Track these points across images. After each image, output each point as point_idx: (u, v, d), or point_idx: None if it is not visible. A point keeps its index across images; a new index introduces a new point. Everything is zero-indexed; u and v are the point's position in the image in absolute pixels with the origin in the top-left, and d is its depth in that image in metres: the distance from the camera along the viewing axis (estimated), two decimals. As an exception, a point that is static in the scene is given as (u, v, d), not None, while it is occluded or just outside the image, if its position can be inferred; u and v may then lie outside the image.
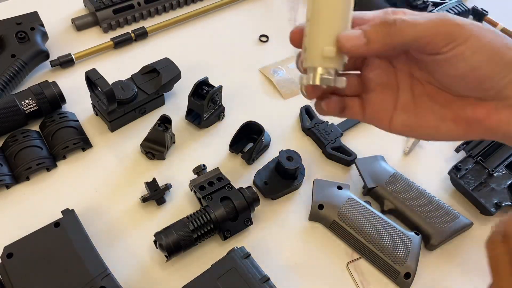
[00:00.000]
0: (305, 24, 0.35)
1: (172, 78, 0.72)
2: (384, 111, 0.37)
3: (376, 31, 0.32)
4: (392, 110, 0.37)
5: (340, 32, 0.32)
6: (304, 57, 0.34)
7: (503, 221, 0.29)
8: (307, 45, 0.34)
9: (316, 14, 0.34)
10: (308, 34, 0.34)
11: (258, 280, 0.51)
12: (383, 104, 0.37)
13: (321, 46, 0.33)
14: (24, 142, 0.64)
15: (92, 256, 0.52)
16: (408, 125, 0.36)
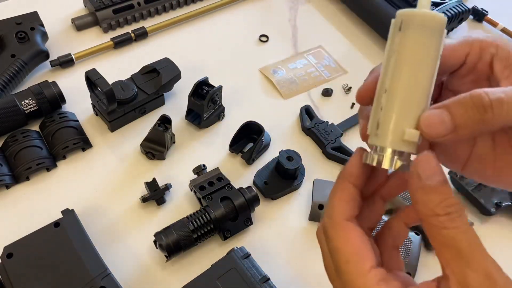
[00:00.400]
0: (378, 90, 0.30)
1: (172, 78, 0.72)
2: (456, 158, 0.32)
3: (467, 116, 0.26)
4: (466, 158, 0.32)
5: (423, 110, 0.28)
6: (374, 132, 0.29)
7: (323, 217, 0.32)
8: (382, 121, 0.29)
9: (400, 86, 0.28)
10: (385, 108, 0.28)
11: (258, 280, 0.51)
12: (455, 151, 0.32)
13: (402, 127, 0.28)
14: (24, 142, 0.63)
15: (92, 256, 0.52)
16: (484, 177, 0.32)
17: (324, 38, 0.89)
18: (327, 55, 0.86)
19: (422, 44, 0.27)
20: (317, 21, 0.92)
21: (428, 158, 0.27)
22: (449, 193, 0.26)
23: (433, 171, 0.27)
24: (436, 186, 0.26)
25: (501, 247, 0.64)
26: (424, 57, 0.28)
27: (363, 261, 0.29)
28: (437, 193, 0.26)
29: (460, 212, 0.26)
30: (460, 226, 0.26)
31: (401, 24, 0.28)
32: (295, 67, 0.83)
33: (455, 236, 0.26)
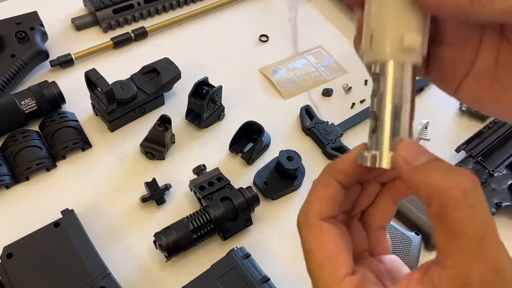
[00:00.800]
0: (367, 3, 0.27)
1: (172, 78, 0.72)
2: (453, 73, 0.28)
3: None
4: (464, 74, 0.28)
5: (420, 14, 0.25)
6: (368, 47, 0.27)
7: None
8: (377, 31, 0.26)
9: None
10: (377, 16, 0.26)
11: (258, 280, 0.51)
12: (454, 64, 0.28)
13: (400, 32, 0.25)
14: (23, 142, 0.63)
15: (92, 256, 0.52)
16: (478, 100, 0.28)
17: (324, 38, 0.89)
18: (327, 55, 0.86)
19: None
20: (317, 21, 0.92)
21: (408, 143, 0.25)
22: (452, 168, 0.23)
23: (418, 151, 0.25)
24: (429, 163, 0.24)
25: (501, 247, 0.64)
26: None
27: (337, 267, 0.26)
28: (436, 169, 0.23)
29: (474, 187, 0.22)
30: (475, 205, 0.22)
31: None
32: (295, 67, 0.83)
33: (467, 220, 0.22)
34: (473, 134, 0.71)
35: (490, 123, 0.72)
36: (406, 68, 0.26)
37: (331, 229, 0.28)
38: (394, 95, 0.26)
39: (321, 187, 0.29)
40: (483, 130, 0.71)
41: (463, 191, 0.22)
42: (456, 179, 0.22)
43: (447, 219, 0.22)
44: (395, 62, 0.26)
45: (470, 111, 0.78)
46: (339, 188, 0.28)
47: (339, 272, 0.26)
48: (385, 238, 0.31)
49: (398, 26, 0.25)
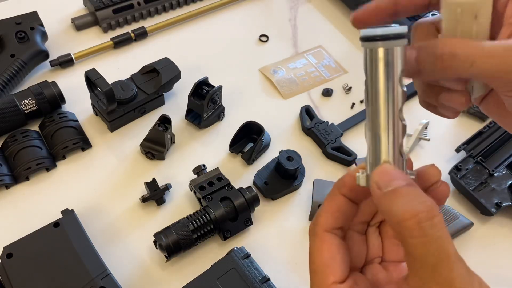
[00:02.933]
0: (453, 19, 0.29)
1: (172, 78, 0.72)
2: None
3: (425, 61, 0.28)
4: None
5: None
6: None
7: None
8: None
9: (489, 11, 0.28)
10: (479, 33, 0.29)
11: (258, 281, 0.51)
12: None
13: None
14: (23, 142, 0.63)
15: (91, 256, 0.52)
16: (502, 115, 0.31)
17: (324, 38, 0.89)
18: (327, 55, 0.86)
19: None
20: (317, 21, 0.92)
21: (384, 168, 0.27)
22: (415, 197, 0.26)
23: (391, 178, 0.26)
24: (396, 190, 0.26)
25: (502, 248, 0.64)
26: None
27: (327, 274, 0.29)
28: (399, 198, 0.26)
29: (429, 217, 0.25)
30: (428, 234, 0.24)
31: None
32: (295, 67, 0.83)
33: (421, 247, 0.25)
34: (473, 134, 0.71)
35: (490, 123, 0.72)
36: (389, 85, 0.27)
37: (332, 239, 0.30)
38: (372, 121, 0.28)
39: (328, 201, 0.31)
40: (483, 130, 0.71)
41: (418, 221, 0.24)
42: (413, 209, 0.25)
43: (405, 244, 0.25)
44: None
45: (470, 111, 0.78)
46: (345, 202, 0.31)
47: (329, 279, 0.29)
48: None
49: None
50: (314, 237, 0.31)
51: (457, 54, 0.26)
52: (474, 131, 0.72)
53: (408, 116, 0.80)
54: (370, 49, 0.27)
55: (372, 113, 0.28)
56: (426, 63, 0.27)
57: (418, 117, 0.75)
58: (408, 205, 0.25)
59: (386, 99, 0.27)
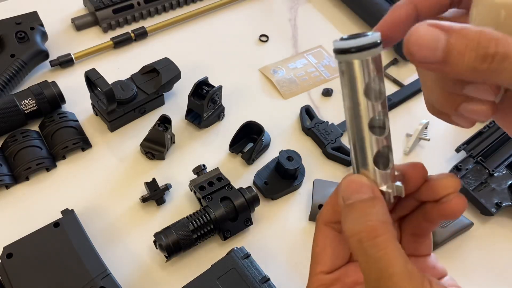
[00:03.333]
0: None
1: (172, 78, 0.72)
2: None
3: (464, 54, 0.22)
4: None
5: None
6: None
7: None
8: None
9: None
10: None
11: (258, 281, 0.51)
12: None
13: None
14: (23, 142, 0.63)
15: (91, 256, 0.52)
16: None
17: (324, 38, 0.89)
18: (327, 55, 0.86)
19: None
20: (317, 21, 0.92)
21: (349, 179, 0.27)
22: (364, 214, 0.26)
23: (353, 191, 0.27)
24: (352, 204, 0.26)
25: (502, 248, 0.64)
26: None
27: (316, 263, 0.31)
28: (352, 213, 0.26)
29: (372, 237, 0.25)
30: (369, 254, 0.25)
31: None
32: (295, 67, 0.83)
33: (363, 264, 0.25)
34: (473, 134, 0.71)
35: (490, 123, 0.72)
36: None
37: (326, 232, 0.32)
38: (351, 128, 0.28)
39: (331, 195, 0.32)
40: (483, 130, 0.71)
41: (359, 240, 0.25)
42: (355, 228, 0.26)
43: (355, 257, 0.26)
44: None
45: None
46: None
47: (317, 267, 0.31)
48: (415, 243, 0.32)
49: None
50: (315, 229, 0.32)
51: (511, 56, 0.21)
52: (474, 131, 0.72)
53: (408, 116, 0.80)
54: (346, 62, 0.26)
55: (348, 125, 0.28)
56: (463, 56, 0.22)
57: (418, 117, 0.75)
58: (353, 222, 0.26)
59: (359, 111, 0.27)
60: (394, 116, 0.77)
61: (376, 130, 0.27)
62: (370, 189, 0.27)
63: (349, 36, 0.26)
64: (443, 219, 0.29)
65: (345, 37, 0.26)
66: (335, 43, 0.26)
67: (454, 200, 0.28)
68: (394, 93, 0.79)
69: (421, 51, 0.22)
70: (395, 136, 0.74)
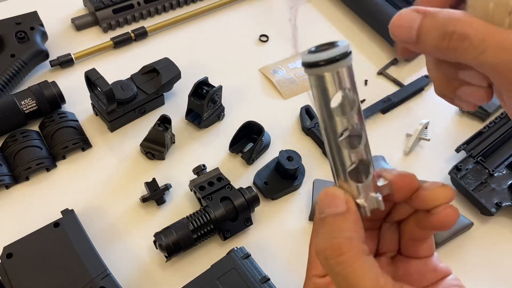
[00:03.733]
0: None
1: (172, 78, 0.72)
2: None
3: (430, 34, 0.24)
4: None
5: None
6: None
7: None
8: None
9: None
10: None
11: (258, 281, 0.51)
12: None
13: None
14: (23, 142, 0.63)
15: (91, 256, 0.52)
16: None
17: (324, 38, 0.88)
18: (327, 55, 0.86)
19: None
20: (317, 21, 0.92)
21: (325, 192, 0.27)
22: (332, 230, 0.26)
23: (326, 204, 0.27)
24: (323, 219, 0.26)
25: (502, 248, 0.64)
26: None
27: (311, 267, 0.32)
28: (322, 227, 0.26)
29: (336, 255, 0.25)
30: (334, 271, 0.25)
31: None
32: (295, 67, 0.83)
33: (333, 278, 0.25)
34: (473, 134, 0.71)
35: (490, 123, 0.72)
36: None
37: None
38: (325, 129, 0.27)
39: None
40: (483, 130, 0.71)
41: (325, 257, 0.26)
42: (321, 245, 0.26)
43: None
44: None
45: (470, 111, 0.78)
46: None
47: (311, 271, 0.32)
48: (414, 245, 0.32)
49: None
50: (312, 231, 0.32)
51: (470, 36, 0.23)
52: (474, 131, 0.72)
53: (408, 116, 0.80)
54: (316, 76, 0.26)
55: (323, 137, 0.28)
56: (429, 35, 0.24)
57: (418, 117, 0.75)
58: (321, 238, 0.26)
59: (333, 124, 0.26)
60: (394, 116, 0.77)
61: (352, 142, 0.27)
62: (344, 202, 0.26)
63: (317, 48, 0.25)
64: (434, 229, 0.29)
65: (313, 49, 0.25)
66: (303, 56, 0.26)
67: (444, 212, 0.28)
68: (394, 93, 0.79)
69: (400, 31, 0.25)
70: (395, 136, 0.75)
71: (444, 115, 0.79)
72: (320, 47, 0.25)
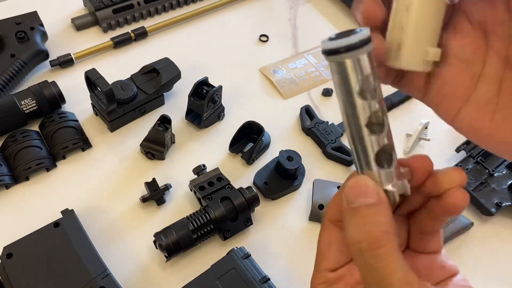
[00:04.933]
0: (395, 9, 0.28)
1: (172, 78, 0.72)
2: (453, 98, 0.28)
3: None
4: (464, 100, 0.28)
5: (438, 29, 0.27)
6: (394, 54, 0.28)
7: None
8: (405, 42, 0.27)
9: (424, 7, 0.27)
10: (407, 27, 0.27)
11: (258, 281, 0.51)
12: (455, 87, 0.28)
13: (424, 47, 0.27)
14: (23, 142, 0.63)
15: (91, 256, 0.52)
16: (477, 129, 0.28)
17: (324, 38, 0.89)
18: (327, 55, 0.86)
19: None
20: (317, 21, 0.92)
21: (354, 181, 0.27)
22: (367, 222, 0.25)
23: (359, 193, 0.26)
24: (356, 209, 0.26)
25: (502, 248, 0.64)
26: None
27: (321, 260, 0.31)
28: (356, 218, 0.26)
29: (373, 248, 0.25)
30: (369, 263, 0.25)
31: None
32: (295, 67, 0.83)
33: (363, 272, 0.25)
34: (473, 134, 0.71)
35: (490, 123, 0.72)
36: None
37: (332, 230, 0.32)
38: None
39: (338, 192, 0.32)
40: (483, 130, 0.71)
41: (359, 250, 0.25)
42: (357, 237, 0.25)
43: (355, 264, 0.26)
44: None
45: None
46: None
47: (322, 264, 0.31)
48: (422, 240, 0.32)
49: (424, 39, 0.27)
50: (321, 226, 0.33)
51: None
52: (474, 131, 0.72)
53: (408, 116, 0.80)
54: (337, 63, 0.26)
55: (345, 126, 0.27)
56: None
57: (418, 117, 0.75)
58: (356, 230, 0.26)
59: (355, 111, 0.26)
60: (394, 116, 0.77)
61: (374, 129, 0.27)
62: (375, 193, 0.26)
63: (337, 35, 0.25)
64: (445, 215, 0.29)
65: (333, 36, 0.26)
66: (323, 43, 0.26)
67: (455, 195, 0.27)
68: (394, 93, 0.79)
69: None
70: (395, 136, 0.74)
71: (444, 115, 0.79)
72: (340, 34, 0.25)
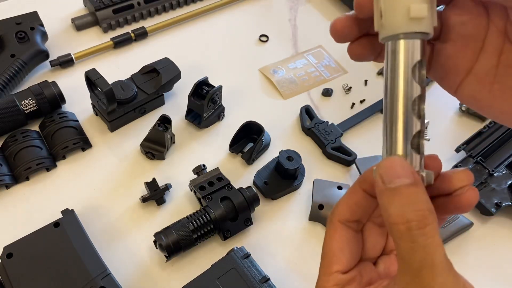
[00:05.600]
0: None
1: (172, 78, 0.72)
2: (455, 70, 0.30)
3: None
4: (465, 72, 0.30)
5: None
6: (379, 24, 0.28)
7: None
8: (384, 8, 0.27)
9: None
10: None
11: (258, 280, 0.51)
12: (456, 61, 0.30)
13: (407, 4, 0.26)
14: (23, 142, 0.63)
15: (92, 256, 0.52)
16: (477, 100, 0.30)
17: (324, 38, 0.89)
18: (327, 55, 0.86)
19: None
20: (317, 21, 0.92)
21: (391, 161, 0.26)
22: (413, 201, 0.25)
23: (397, 174, 0.26)
24: (396, 189, 0.25)
25: (502, 248, 0.64)
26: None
27: (332, 262, 0.30)
28: (398, 198, 0.25)
29: (421, 226, 0.25)
30: (416, 241, 0.25)
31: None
32: (295, 67, 0.83)
33: (407, 251, 0.25)
34: (473, 134, 0.71)
35: (490, 123, 0.72)
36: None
37: (343, 231, 0.31)
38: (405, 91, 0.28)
39: (348, 193, 0.31)
40: (483, 130, 0.71)
41: (408, 228, 0.25)
42: (406, 216, 0.25)
43: (396, 244, 0.26)
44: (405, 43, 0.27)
45: (470, 111, 0.78)
46: (364, 197, 0.31)
47: (333, 267, 0.30)
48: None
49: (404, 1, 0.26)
50: (329, 225, 0.32)
51: None
52: (474, 131, 0.72)
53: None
54: (392, 42, 0.27)
55: (387, 105, 0.28)
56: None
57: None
58: (403, 209, 0.25)
59: (401, 91, 0.27)
60: (394, 116, 0.77)
61: (419, 111, 0.28)
62: (413, 174, 0.26)
63: None
64: (457, 212, 0.29)
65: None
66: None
67: (468, 192, 0.28)
68: (394, 93, 0.78)
69: None
70: (395, 136, 0.74)
71: (444, 115, 0.79)
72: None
